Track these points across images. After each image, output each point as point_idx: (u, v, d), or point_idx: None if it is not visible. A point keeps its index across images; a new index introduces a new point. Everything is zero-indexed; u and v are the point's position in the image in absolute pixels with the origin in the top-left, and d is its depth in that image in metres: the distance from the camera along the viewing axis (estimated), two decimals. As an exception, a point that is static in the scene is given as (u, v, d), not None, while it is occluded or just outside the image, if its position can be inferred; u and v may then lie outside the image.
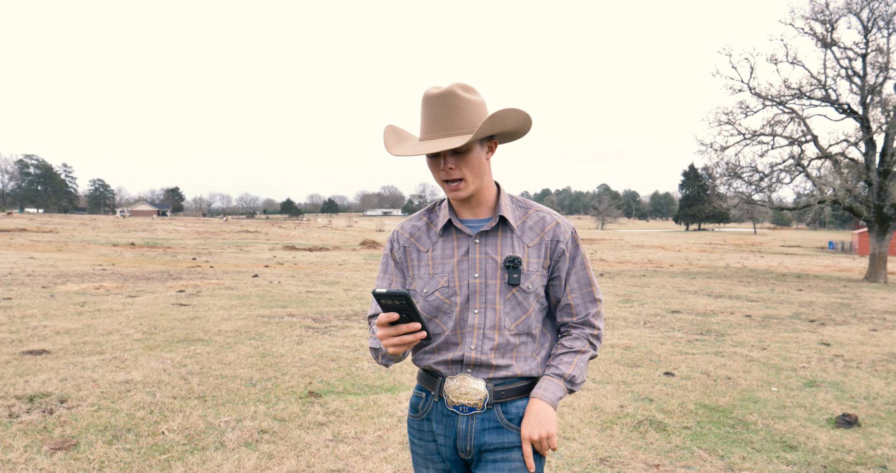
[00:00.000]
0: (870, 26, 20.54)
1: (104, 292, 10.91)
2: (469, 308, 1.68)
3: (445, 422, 1.71)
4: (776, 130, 22.18)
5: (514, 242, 1.71)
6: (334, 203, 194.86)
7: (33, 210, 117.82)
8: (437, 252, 1.73)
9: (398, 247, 1.79)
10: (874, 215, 20.79)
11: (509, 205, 1.75)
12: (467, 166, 1.62)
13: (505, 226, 1.72)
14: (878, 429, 4.46)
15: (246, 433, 3.96)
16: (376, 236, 54.63)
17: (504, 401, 1.69)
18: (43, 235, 38.84)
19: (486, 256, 1.69)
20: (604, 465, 3.68)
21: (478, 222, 1.73)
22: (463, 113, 1.60)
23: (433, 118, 1.61)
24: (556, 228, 1.74)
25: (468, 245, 1.70)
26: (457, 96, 1.59)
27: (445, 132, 1.60)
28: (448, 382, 1.70)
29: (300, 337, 7.21)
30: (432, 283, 1.71)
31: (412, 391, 1.80)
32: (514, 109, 1.60)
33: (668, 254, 39.94)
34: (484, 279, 1.68)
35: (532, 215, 1.75)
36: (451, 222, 1.73)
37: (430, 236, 1.76)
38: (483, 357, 1.66)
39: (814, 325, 9.61)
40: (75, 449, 3.60)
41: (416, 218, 1.82)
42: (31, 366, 5.43)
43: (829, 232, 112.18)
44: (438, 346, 1.72)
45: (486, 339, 1.67)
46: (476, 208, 1.73)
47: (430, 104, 1.61)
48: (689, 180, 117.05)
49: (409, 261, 1.77)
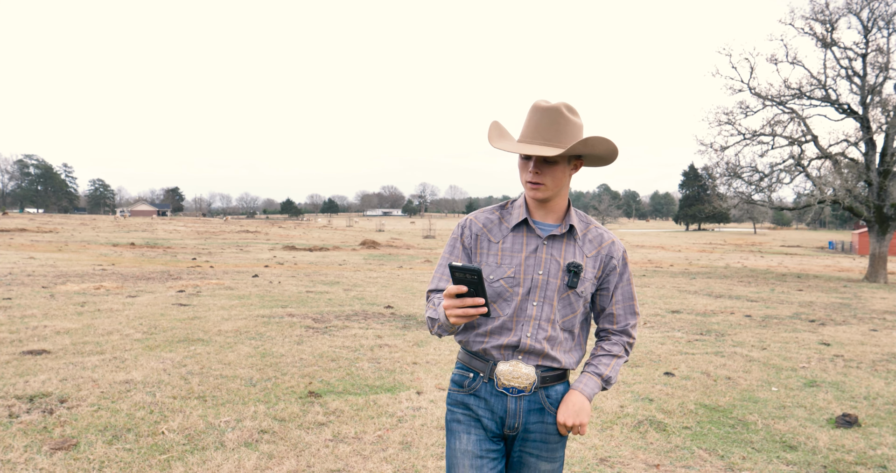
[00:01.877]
0: (870, 26, 20.54)
1: (104, 292, 10.91)
2: (529, 300, 1.87)
3: (494, 401, 1.88)
4: (776, 130, 22.19)
5: (576, 250, 1.92)
6: (334, 203, 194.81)
7: (33, 210, 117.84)
8: (507, 245, 1.91)
9: (470, 234, 1.96)
10: (874, 215, 20.79)
11: (576, 217, 1.96)
12: (551, 175, 1.83)
13: (570, 234, 1.92)
14: (878, 429, 4.46)
15: (246, 433, 3.95)
16: (376, 236, 54.65)
17: (547, 386, 1.90)
18: (43, 235, 38.84)
19: (552, 257, 1.89)
20: (604, 465, 3.68)
21: (548, 225, 1.93)
22: (562, 128, 1.81)
23: (535, 127, 1.82)
24: (611, 245, 1.98)
25: (537, 244, 1.89)
26: (561, 114, 1.80)
27: (542, 141, 1.81)
28: (501, 366, 1.88)
29: (300, 337, 7.21)
30: (499, 271, 1.89)
31: (454, 371, 1.98)
32: (606, 139, 1.78)
33: (668, 254, 39.94)
34: (546, 277, 1.87)
35: (592, 230, 1.98)
36: (526, 220, 1.91)
37: (500, 230, 1.94)
38: (537, 345, 1.86)
39: (814, 325, 9.61)
40: (75, 449, 3.60)
41: (490, 211, 1.99)
42: (31, 366, 5.43)
43: (829, 232, 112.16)
44: (492, 330, 1.89)
45: (540, 329, 1.87)
46: (549, 213, 1.93)
47: (535, 114, 1.82)
48: (689, 180, 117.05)
49: (479, 248, 1.93)
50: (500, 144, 1.87)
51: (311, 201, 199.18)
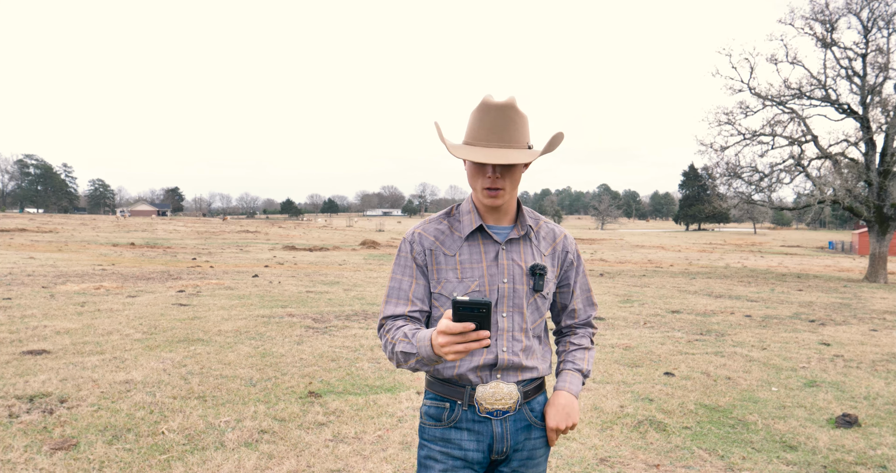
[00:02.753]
0: (870, 26, 20.54)
1: (104, 292, 10.91)
2: (498, 312, 1.75)
3: (478, 428, 1.75)
4: (776, 130, 22.19)
5: (534, 250, 1.82)
6: (334, 203, 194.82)
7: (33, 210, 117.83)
8: (464, 256, 1.77)
9: (421, 249, 1.80)
10: (874, 215, 20.79)
11: (528, 216, 1.85)
12: (511, 179, 1.71)
13: (527, 235, 1.82)
14: (878, 429, 4.46)
15: (246, 433, 3.95)
16: (376, 236, 54.64)
17: (530, 400, 1.81)
18: (43, 235, 38.83)
19: (513, 262, 1.77)
20: (604, 465, 3.68)
21: (502, 229, 1.81)
22: (519, 128, 1.69)
23: (490, 127, 1.67)
24: (564, 240, 1.90)
25: (496, 251, 1.78)
26: (516, 111, 1.68)
27: (500, 143, 1.67)
28: (480, 390, 1.74)
29: (300, 337, 7.21)
30: (461, 287, 1.75)
31: (425, 402, 1.82)
32: (562, 133, 1.73)
33: (668, 254, 39.93)
34: (512, 285, 1.76)
35: (543, 226, 1.88)
36: (481, 227, 1.79)
37: (454, 240, 1.79)
38: (515, 358, 1.75)
39: (814, 325, 9.61)
40: (75, 449, 3.59)
41: (437, 222, 1.84)
42: (31, 366, 5.43)
43: (829, 232, 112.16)
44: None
45: (514, 341, 1.76)
46: (501, 216, 1.81)
47: (489, 113, 1.67)
48: (689, 180, 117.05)
49: (435, 264, 1.78)
50: (462, 152, 1.68)
51: (311, 201, 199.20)
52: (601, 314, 10.04)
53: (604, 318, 9.60)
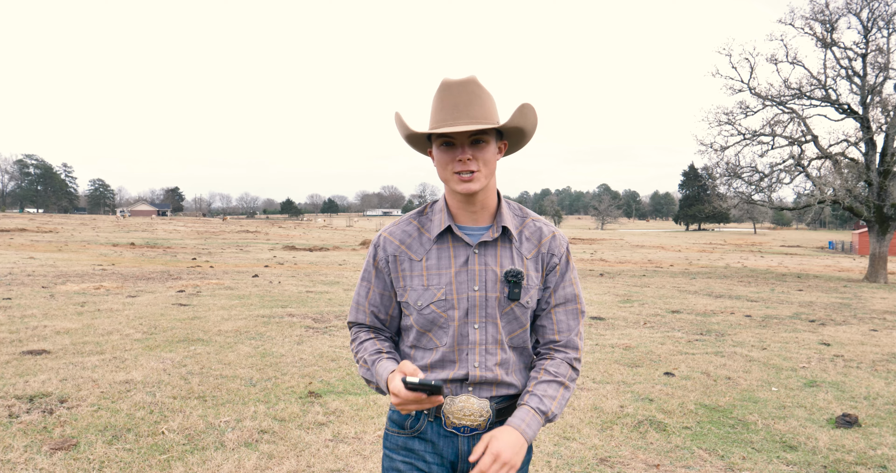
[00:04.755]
0: (870, 26, 20.54)
1: (104, 292, 10.91)
2: (469, 323, 1.60)
3: (443, 443, 1.61)
4: (776, 130, 22.19)
5: (513, 253, 1.63)
6: (334, 203, 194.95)
7: (33, 210, 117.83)
8: (431, 262, 1.61)
9: (385, 256, 1.66)
10: (874, 215, 20.79)
11: (508, 213, 1.67)
12: (483, 160, 1.54)
13: (505, 236, 1.64)
14: (878, 429, 4.46)
15: (246, 433, 3.95)
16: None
17: (504, 419, 1.62)
18: (43, 235, 38.83)
19: (486, 267, 1.60)
20: (604, 465, 3.68)
21: (477, 229, 1.63)
22: (484, 103, 1.54)
23: (454, 105, 1.52)
24: (552, 240, 1.67)
25: (467, 255, 1.60)
26: (478, 86, 1.54)
27: (468, 120, 1.51)
28: (449, 402, 1.60)
29: (300, 337, 7.21)
30: (427, 295, 1.60)
31: (391, 405, 1.65)
32: (532, 106, 1.56)
33: (668, 254, 39.93)
34: (484, 293, 1.59)
35: (529, 224, 1.68)
36: (450, 228, 1.62)
37: (422, 243, 1.64)
38: (489, 374, 1.59)
39: (814, 325, 9.61)
40: (75, 449, 3.59)
41: (406, 222, 1.69)
42: (31, 366, 5.43)
43: (829, 232, 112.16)
44: (433, 364, 1.62)
45: (488, 355, 1.60)
46: (478, 213, 1.62)
47: (450, 91, 1.53)
48: (689, 180, 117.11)
49: (400, 271, 1.64)
50: (422, 129, 1.57)
51: (311, 201, 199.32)
52: (601, 313, 10.04)
53: (604, 318, 9.60)
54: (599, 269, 23.02)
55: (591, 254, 36.66)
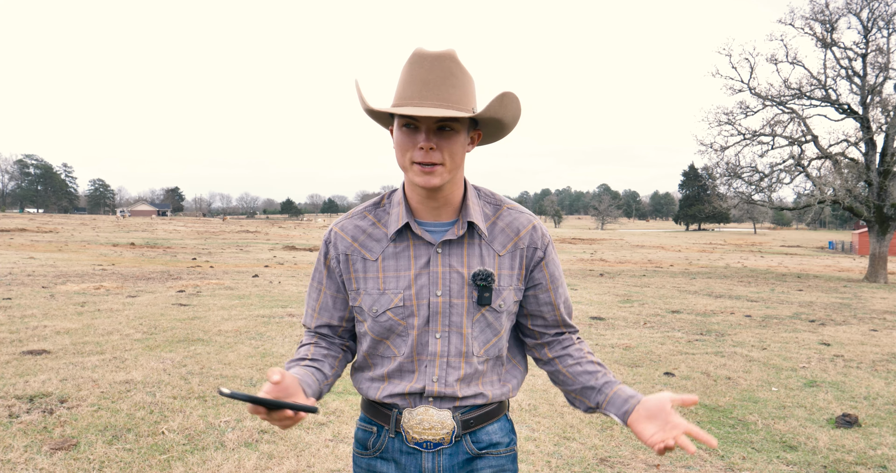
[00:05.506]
0: (870, 26, 20.55)
1: (104, 292, 10.91)
2: (429, 332, 1.40)
3: (406, 461, 1.44)
4: (776, 131, 22.19)
5: (482, 250, 1.41)
6: (334, 203, 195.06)
7: (33, 210, 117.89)
8: (388, 262, 1.41)
9: (336, 255, 1.45)
10: (874, 215, 20.79)
11: (477, 204, 1.44)
12: (449, 151, 1.31)
13: (472, 230, 1.42)
14: (878, 429, 4.46)
15: (246, 433, 3.96)
16: (376, 236, 54.55)
17: (473, 430, 1.44)
18: (43, 235, 38.84)
19: (451, 269, 1.39)
20: (604, 465, 3.68)
21: (440, 226, 1.42)
22: (461, 84, 1.31)
23: (424, 82, 1.28)
24: (532, 232, 1.44)
25: (428, 256, 1.39)
26: (456, 63, 1.30)
27: (438, 102, 1.28)
28: (407, 415, 1.42)
29: (300, 337, 7.21)
30: (383, 301, 1.40)
31: (357, 423, 1.52)
32: (518, 99, 1.34)
33: (668, 254, 39.93)
34: (448, 298, 1.39)
35: (504, 214, 1.45)
36: (408, 225, 1.41)
37: (377, 240, 1.43)
38: (448, 390, 1.40)
39: (814, 325, 9.61)
40: (75, 449, 3.60)
41: (359, 216, 1.47)
42: (31, 366, 5.43)
43: (829, 232, 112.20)
44: (390, 373, 1.44)
45: (450, 368, 1.40)
46: (441, 208, 1.41)
47: (422, 65, 1.29)
48: (689, 180, 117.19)
49: (353, 272, 1.43)
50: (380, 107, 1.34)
51: (311, 201, 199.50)
52: (601, 313, 10.04)
53: (604, 318, 9.60)
54: (599, 269, 23.02)
55: (591, 254, 36.67)
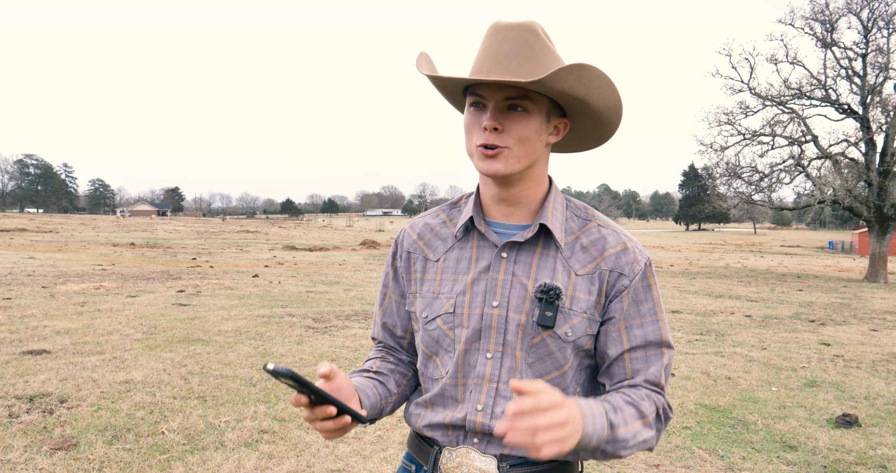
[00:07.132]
0: (870, 26, 20.55)
1: (104, 292, 10.91)
2: (479, 350, 1.17)
3: None
4: (776, 131, 22.20)
5: (556, 264, 1.17)
6: (334, 203, 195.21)
7: (33, 210, 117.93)
8: (448, 263, 1.23)
9: (400, 252, 1.30)
10: (874, 215, 20.79)
11: (560, 210, 1.22)
12: (517, 135, 1.11)
13: (548, 239, 1.19)
14: (878, 429, 4.46)
15: (246, 433, 3.96)
16: (376, 236, 54.64)
17: None
18: (43, 235, 38.84)
19: (514, 277, 1.17)
20: (604, 465, 3.68)
21: (510, 227, 1.21)
22: (540, 58, 1.11)
23: (495, 54, 1.10)
24: (621, 254, 1.18)
25: (490, 259, 1.19)
26: (535, 35, 1.12)
27: (504, 74, 1.09)
28: (445, 457, 1.19)
29: (300, 337, 7.21)
30: (435, 305, 1.21)
31: (402, 460, 1.32)
32: (609, 79, 1.12)
33: (669, 254, 39.94)
34: (505, 312, 1.15)
35: (591, 230, 1.21)
36: (472, 221, 1.22)
37: (443, 240, 1.26)
38: (494, 424, 1.14)
39: (814, 325, 9.61)
40: (75, 449, 3.60)
41: (433, 214, 1.32)
42: (31, 366, 5.43)
43: (829, 232, 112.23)
44: (433, 398, 1.22)
45: (499, 397, 1.15)
46: (514, 206, 1.20)
47: (496, 37, 1.12)
48: (689, 180, 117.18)
49: (413, 272, 1.27)
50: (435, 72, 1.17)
51: (311, 201, 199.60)
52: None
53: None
54: (599, 269, 23.00)
55: (591, 254, 36.60)
